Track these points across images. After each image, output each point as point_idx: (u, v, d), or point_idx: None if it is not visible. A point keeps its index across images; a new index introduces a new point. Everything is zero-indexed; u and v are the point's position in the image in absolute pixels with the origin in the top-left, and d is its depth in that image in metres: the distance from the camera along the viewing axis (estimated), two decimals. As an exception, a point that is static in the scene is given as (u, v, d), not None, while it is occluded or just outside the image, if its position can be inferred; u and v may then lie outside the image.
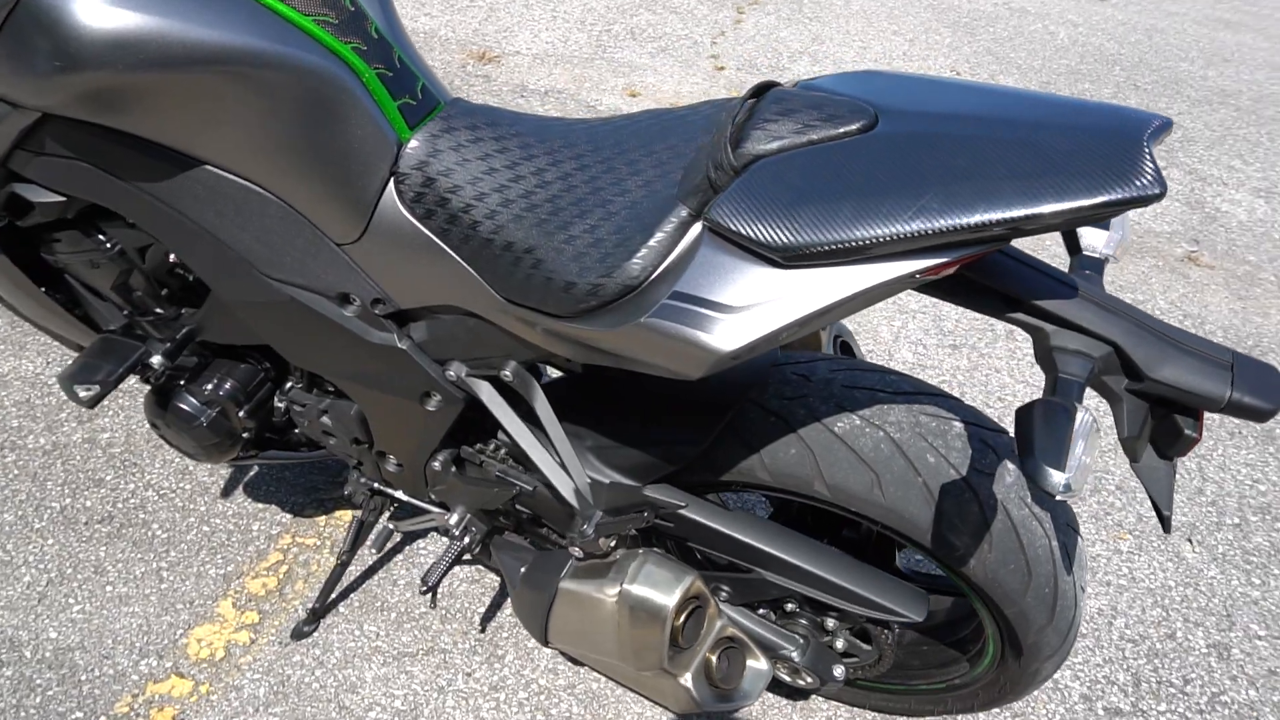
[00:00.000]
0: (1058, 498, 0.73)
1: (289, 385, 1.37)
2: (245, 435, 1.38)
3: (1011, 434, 1.13)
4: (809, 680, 1.26)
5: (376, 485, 1.44)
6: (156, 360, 1.26)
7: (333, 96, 0.96)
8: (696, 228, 0.86)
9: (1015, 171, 0.73)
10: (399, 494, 1.43)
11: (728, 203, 0.82)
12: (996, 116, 0.79)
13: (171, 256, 1.21)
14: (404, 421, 1.22)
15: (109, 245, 1.19)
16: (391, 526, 1.43)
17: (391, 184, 1.02)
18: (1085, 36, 4.82)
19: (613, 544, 1.14)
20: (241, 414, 1.33)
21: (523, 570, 1.28)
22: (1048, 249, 2.93)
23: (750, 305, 0.79)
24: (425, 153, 1.01)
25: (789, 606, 1.28)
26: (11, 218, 1.19)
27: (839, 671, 1.24)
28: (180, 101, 0.93)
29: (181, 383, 1.33)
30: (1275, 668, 1.69)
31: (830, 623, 1.27)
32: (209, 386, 1.32)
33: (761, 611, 1.30)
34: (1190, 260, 2.95)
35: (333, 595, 1.58)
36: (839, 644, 1.28)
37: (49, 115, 1.00)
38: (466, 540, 1.32)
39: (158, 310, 1.29)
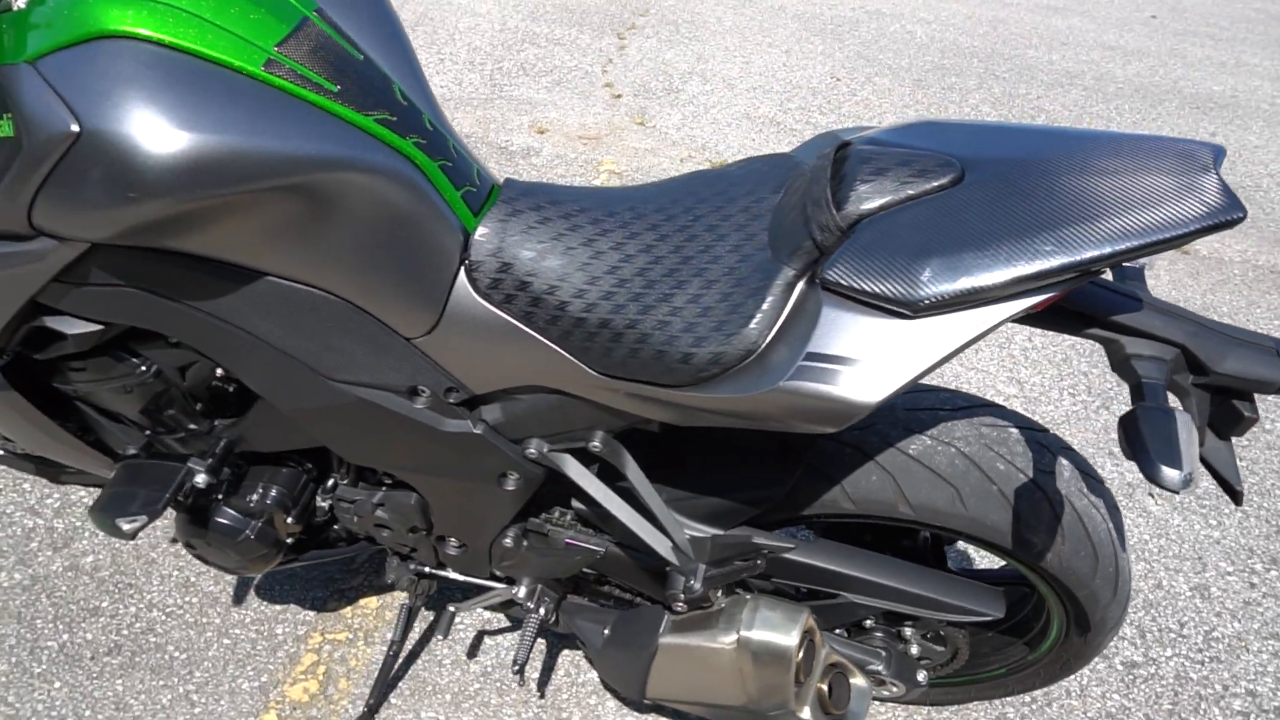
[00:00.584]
0: (1180, 492, 0.81)
1: (331, 483, 1.33)
2: (289, 540, 1.32)
3: (1052, 432, 1.22)
4: (895, 689, 1.32)
5: (427, 569, 1.41)
6: (201, 478, 1.20)
7: (401, 195, 0.96)
8: (807, 288, 0.90)
9: (1110, 209, 0.81)
10: (452, 575, 1.40)
11: (843, 262, 0.86)
12: (1069, 158, 0.87)
13: (219, 371, 1.16)
14: (476, 505, 1.21)
15: (145, 368, 1.13)
16: (453, 609, 1.40)
17: (463, 273, 1.02)
18: (940, 33, 5.16)
19: (718, 594, 1.17)
20: (290, 520, 1.28)
21: (606, 631, 1.29)
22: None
23: (887, 358, 0.84)
24: (496, 239, 1.01)
25: (866, 623, 1.34)
26: (28, 352, 1.12)
27: (922, 676, 1.31)
28: (248, 216, 0.90)
29: (218, 497, 1.27)
30: (1248, 599, 1.87)
31: (907, 631, 1.33)
32: (253, 496, 1.26)
33: (838, 631, 1.36)
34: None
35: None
36: (914, 649, 1.35)
37: (97, 245, 0.95)
38: (542, 611, 1.32)
39: (190, 426, 1.23)
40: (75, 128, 0.83)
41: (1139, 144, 0.87)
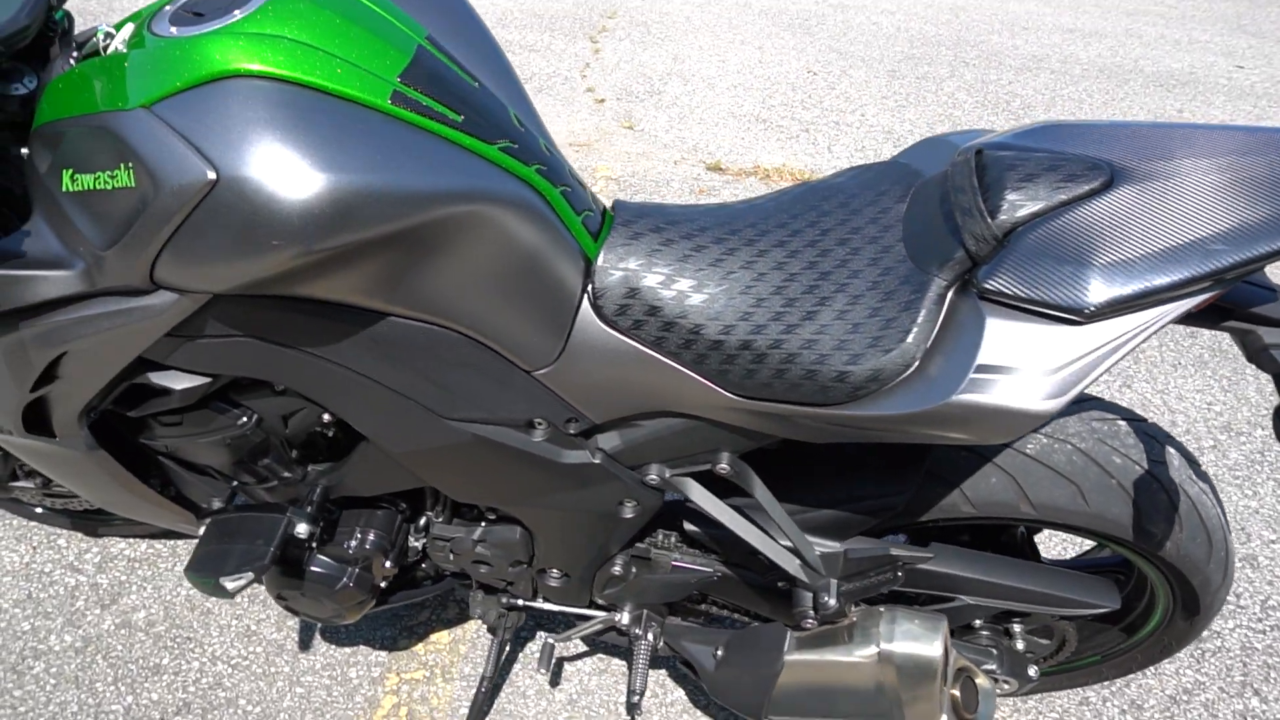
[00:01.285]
0: None
1: (424, 521, 1.29)
2: (383, 584, 1.28)
3: (1150, 420, 1.23)
4: (1007, 686, 1.33)
5: (520, 602, 1.37)
6: (302, 528, 1.15)
7: (529, 225, 0.93)
8: (961, 298, 0.89)
9: (1268, 202, 0.82)
10: (545, 606, 1.37)
11: (1004, 271, 0.85)
12: (1210, 154, 0.87)
13: (325, 416, 1.11)
14: (588, 535, 1.18)
15: (246, 418, 1.08)
16: (552, 641, 1.37)
17: (586, 301, 1.00)
18: (904, 23, 5.22)
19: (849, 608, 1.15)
20: (388, 563, 1.24)
21: (718, 652, 1.27)
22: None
23: (1060, 365, 0.83)
24: (619, 264, 0.99)
25: (974, 622, 1.34)
26: (120, 409, 1.06)
27: (1033, 671, 1.31)
28: (380, 256, 0.87)
29: (312, 545, 1.22)
30: (1294, 564, 1.92)
31: (1015, 627, 1.34)
32: (350, 542, 1.22)
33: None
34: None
35: (468, 724, 1.50)
36: (1019, 645, 1.35)
37: (219, 295, 0.90)
38: (650, 637, 1.29)
39: (285, 475, 1.18)
40: (212, 175, 0.79)
41: (1269, 136, 0.88)
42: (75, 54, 0.98)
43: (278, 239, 0.80)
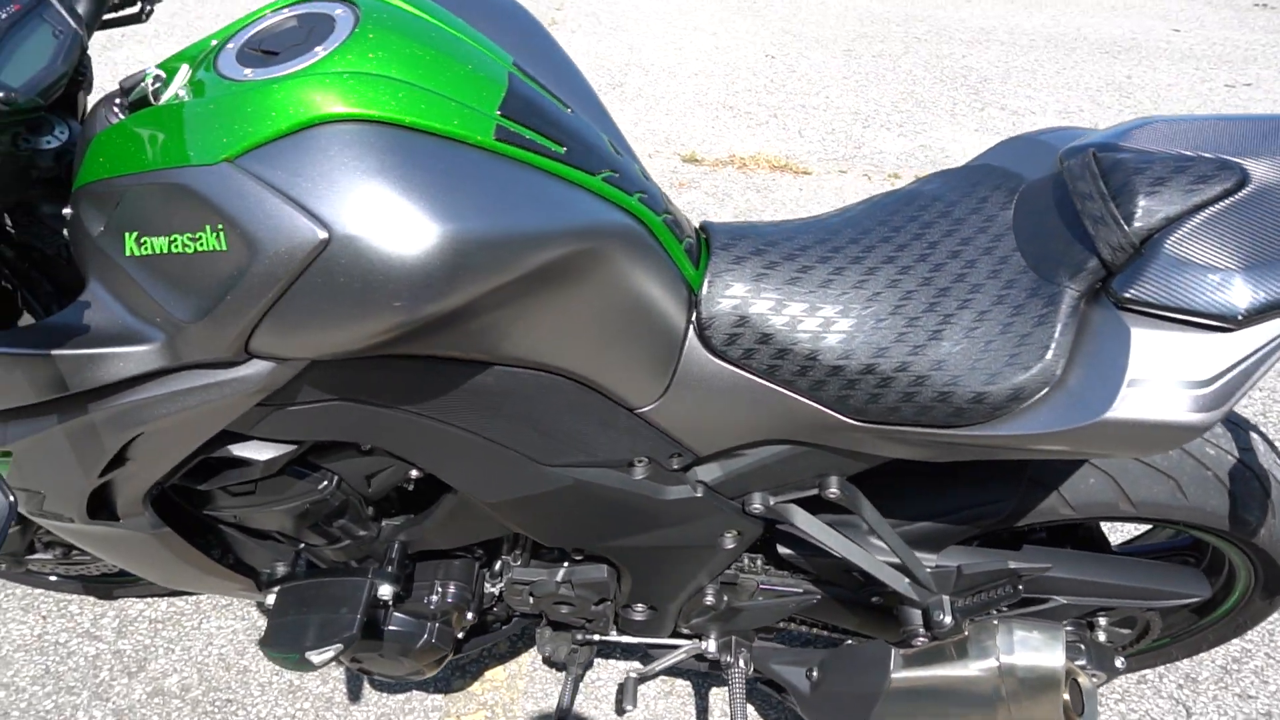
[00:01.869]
0: None
1: (498, 566, 1.23)
2: (461, 635, 1.22)
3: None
4: (1096, 680, 1.32)
5: (595, 637, 1.32)
6: (386, 589, 1.08)
7: (637, 258, 0.88)
8: (1097, 309, 0.87)
9: None
10: (619, 639, 1.32)
11: (1146, 280, 0.83)
12: None
13: (413, 473, 1.03)
14: (683, 568, 1.14)
15: (327, 482, 1.00)
16: (636, 676, 1.32)
17: (692, 333, 0.95)
18: (851, 0, 5.22)
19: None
20: (469, 614, 1.17)
21: (814, 674, 1.24)
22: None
23: (1215, 374, 0.81)
24: (725, 292, 0.94)
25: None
26: (189, 483, 0.97)
27: (1120, 662, 1.31)
28: (497, 305, 0.80)
29: (387, 603, 1.15)
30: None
31: (1101, 620, 1.33)
32: (431, 597, 1.15)
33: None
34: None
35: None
36: (1101, 636, 1.35)
37: (315, 361, 0.82)
38: (742, 663, 1.26)
39: (359, 534, 1.10)
40: (323, 234, 0.71)
41: None
42: (119, 100, 0.88)
43: (399, 299, 0.73)
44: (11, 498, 0.60)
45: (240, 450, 0.92)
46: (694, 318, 0.94)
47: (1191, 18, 5.21)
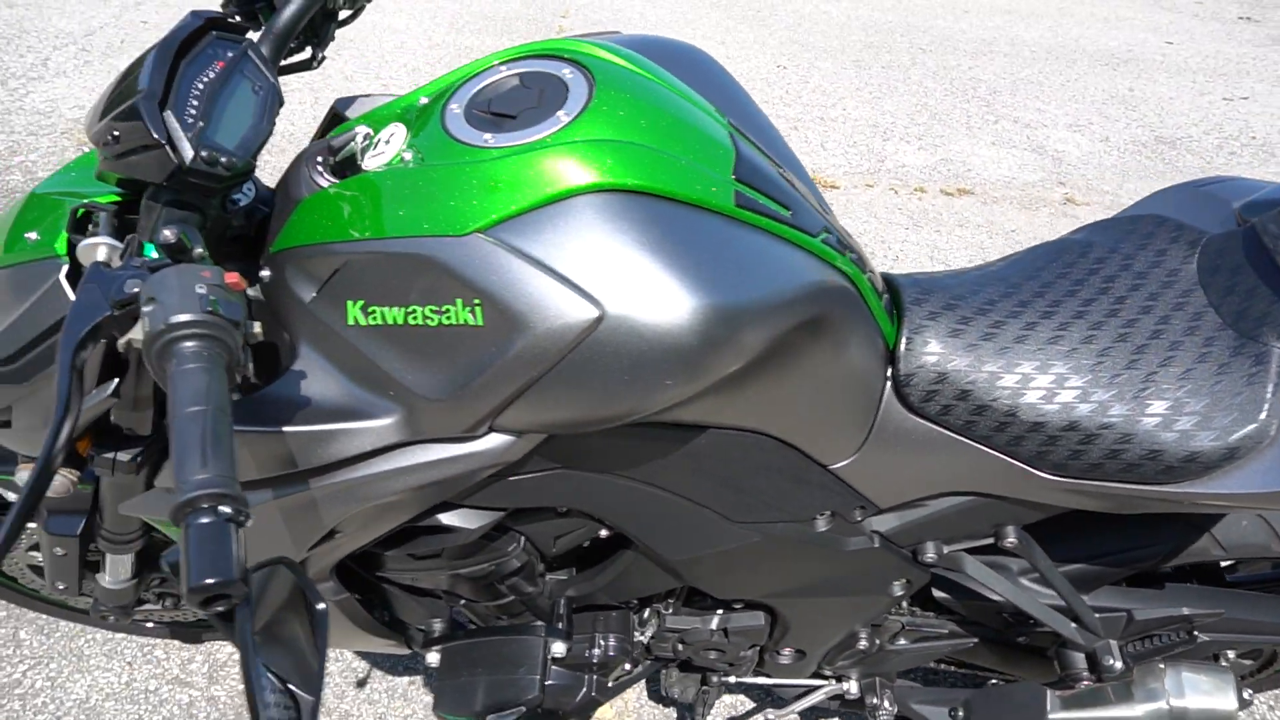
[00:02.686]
0: None
1: (647, 614, 1.21)
2: (613, 685, 1.20)
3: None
4: (1224, 712, 1.35)
5: (732, 679, 1.32)
6: (559, 647, 1.07)
7: (849, 319, 0.87)
8: None
9: None
10: (756, 680, 1.32)
11: (1361, 342, 0.85)
12: None
13: (603, 532, 1.02)
14: (846, 616, 1.14)
15: (517, 544, 0.98)
16: (773, 716, 1.32)
17: (889, 389, 0.95)
18: (853, 10, 5.27)
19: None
20: (628, 665, 1.16)
21: (960, 714, 1.24)
22: None
23: None
24: (922, 348, 0.94)
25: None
26: (379, 549, 0.95)
27: (1247, 694, 1.33)
28: (740, 374, 0.79)
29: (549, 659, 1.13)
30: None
31: (1230, 654, 1.36)
32: (593, 650, 1.13)
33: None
34: (1069, 201, 3.37)
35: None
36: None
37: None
38: (888, 704, 1.26)
39: (527, 590, 1.08)
40: (596, 313, 0.70)
41: None
42: (322, 158, 0.85)
43: (671, 378, 0.72)
44: (321, 605, 0.57)
45: (448, 518, 0.90)
46: (890, 374, 0.94)
47: (1181, 30, 5.33)
